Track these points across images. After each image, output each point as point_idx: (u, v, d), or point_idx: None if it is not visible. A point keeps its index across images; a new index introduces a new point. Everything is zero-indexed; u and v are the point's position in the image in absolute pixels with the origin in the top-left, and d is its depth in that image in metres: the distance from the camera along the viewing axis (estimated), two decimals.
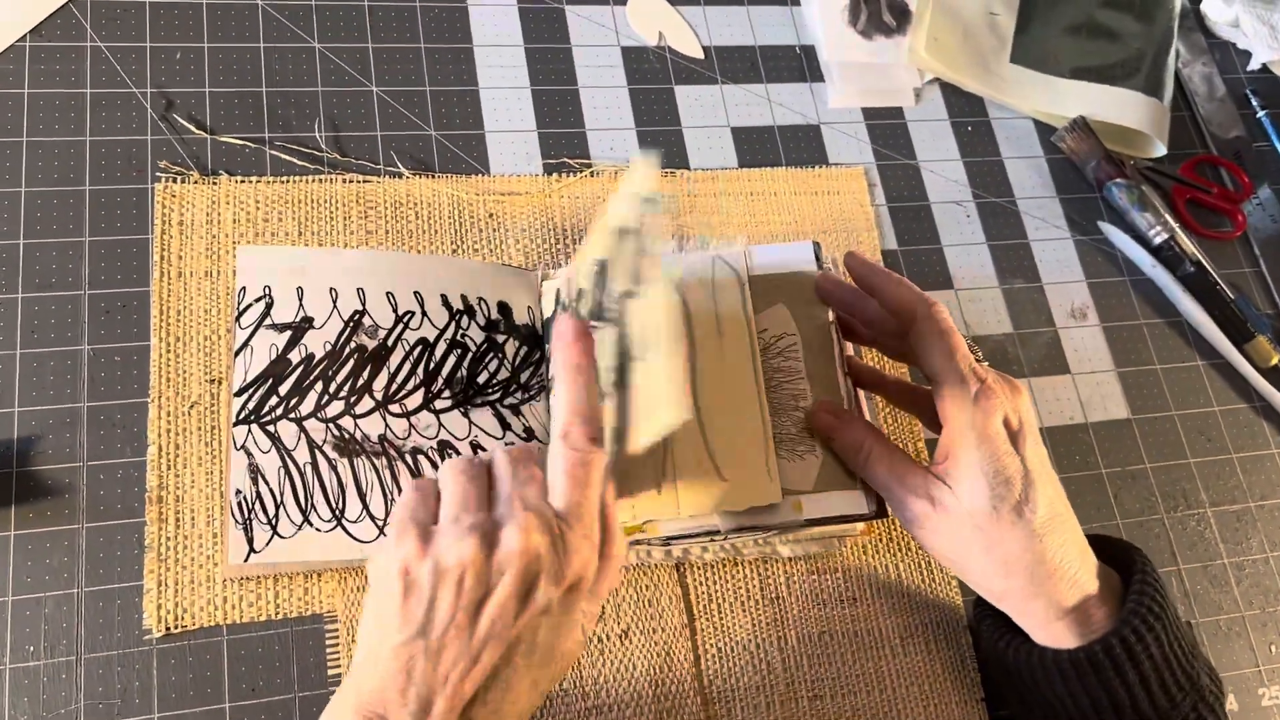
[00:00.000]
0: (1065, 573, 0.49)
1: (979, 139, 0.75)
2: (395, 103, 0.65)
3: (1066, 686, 0.49)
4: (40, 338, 0.55)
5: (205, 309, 0.57)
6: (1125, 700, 0.48)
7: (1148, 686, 0.48)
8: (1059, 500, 0.51)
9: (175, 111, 0.62)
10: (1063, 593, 0.49)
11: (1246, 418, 0.71)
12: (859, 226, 0.69)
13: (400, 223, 0.62)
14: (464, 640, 0.41)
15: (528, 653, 0.42)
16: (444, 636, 0.41)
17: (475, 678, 0.40)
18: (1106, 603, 0.50)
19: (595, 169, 0.66)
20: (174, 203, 0.59)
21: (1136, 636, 0.48)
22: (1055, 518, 0.50)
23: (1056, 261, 0.72)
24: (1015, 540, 0.49)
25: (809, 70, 0.74)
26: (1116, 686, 0.48)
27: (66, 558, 0.52)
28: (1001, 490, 0.49)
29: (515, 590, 0.41)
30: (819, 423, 0.54)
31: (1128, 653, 0.48)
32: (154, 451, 0.54)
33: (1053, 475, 0.51)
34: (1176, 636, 0.49)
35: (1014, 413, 0.51)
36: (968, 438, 0.50)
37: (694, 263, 0.56)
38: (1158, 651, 0.48)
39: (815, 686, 0.57)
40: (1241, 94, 0.83)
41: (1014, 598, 0.51)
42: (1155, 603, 0.49)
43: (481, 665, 0.40)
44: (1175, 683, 0.49)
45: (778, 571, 0.59)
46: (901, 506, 0.52)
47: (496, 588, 0.41)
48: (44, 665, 0.50)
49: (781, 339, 0.56)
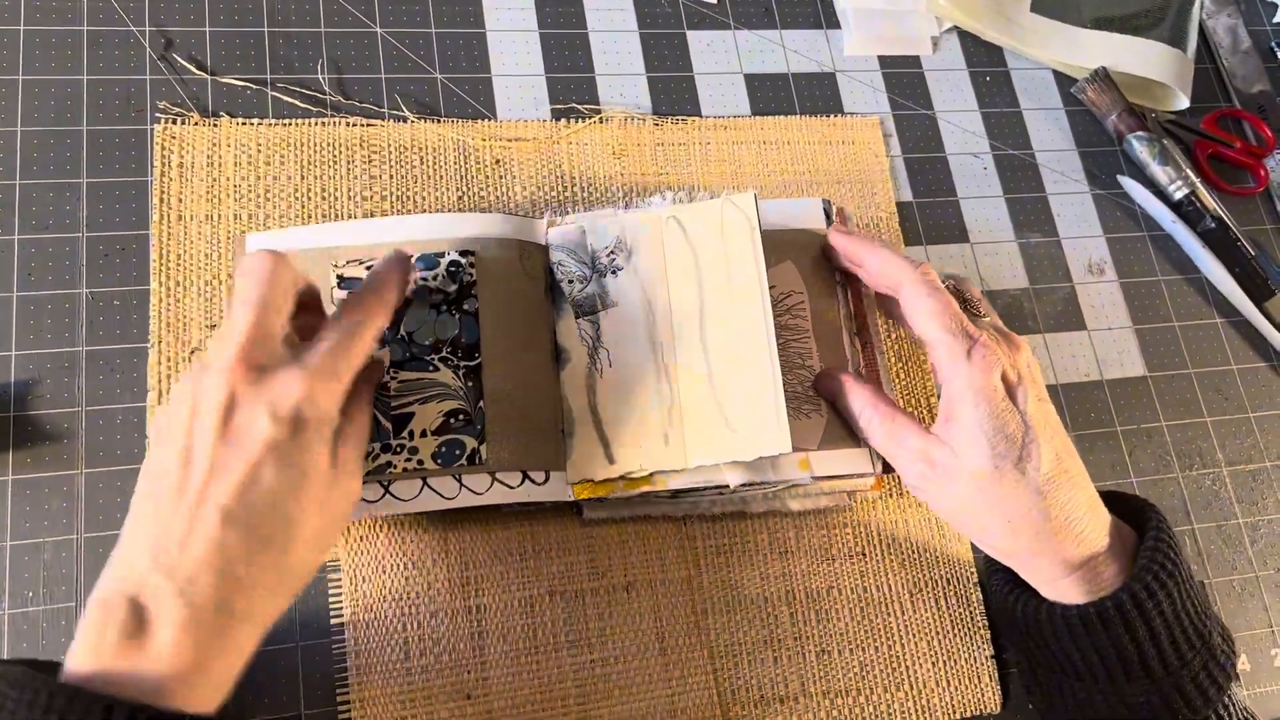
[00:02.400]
0: (1073, 529, 0.49)
1: (997, 90, 0.73)
2: (400, 44, 0.64)
3: (1075, 642, 0.49)
4: (38, 280, 0.54)
5: (206, 253, 0.56)
6: (1134, 656, 0.48)
7: (1158, 643, 0.47)
8: (1066, 455, 0.50)
9: (175, 51, 0.60)
10: (1070, 549, 0.49)
11: (1265, 376, 0.69)
12: (874, 177, 0.67)
13: (405, 168, 0.60)
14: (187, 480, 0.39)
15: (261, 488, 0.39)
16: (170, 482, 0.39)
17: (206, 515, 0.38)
18: (1118, 559, 0.49)
19: (604, 115, 0.65)
20: (174, 144, 0.58)
21: (1148, 593, 0.47)
22: (1061, 474, 0.49)
23: (1075, 216, 0.71)
24: (1018, 497, 0.48)
25: (824, 16, 0.72)
26: (1126, 643, 0.47)
27: (65, 503, 0.51)
28: (1002, 448, 0.48)
29: (220, 420, 0.39)
30: (824, 387, 0.54)
31: (1138, 609, 0.47)
32: (154, 397, 0.53)
33: (1058, 430, 0.50)
34: (1189, 594, 0.49)
35: (1012, 368, 0.50)
36: (965, 396, 0.49)
37: (704, 208, 0.55)
38: (1169, 609, 0.48)
39: (823, 641, 0.56)
40: (1267, 46, 0.81)
41: (1021, 555, 0.50)
42: (1169, 560, 0.48)
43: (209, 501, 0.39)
44: (1186, 640, 0.48)
45: (786, 526, 0.58)
46: (905, 469, 0.51)
47: (202, 422, 0.40)
48: (44, 611, 0.49)
49: (789, 297, 0.55)
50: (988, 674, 0.57)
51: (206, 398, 0.40)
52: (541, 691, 0.52)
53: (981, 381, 0.49)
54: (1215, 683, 0.48)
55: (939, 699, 0.56)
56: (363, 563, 0.53)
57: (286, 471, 0.40)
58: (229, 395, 0.40)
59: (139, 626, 0.37)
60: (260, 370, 0.41)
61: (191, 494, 0.39)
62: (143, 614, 0.37)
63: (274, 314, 0.42)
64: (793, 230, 0.56)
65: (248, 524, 0.39)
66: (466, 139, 0.62)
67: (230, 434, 0.40)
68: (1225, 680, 0.49)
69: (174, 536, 0.38)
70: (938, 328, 0.50)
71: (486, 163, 0.62)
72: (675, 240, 0.54)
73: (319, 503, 0.41)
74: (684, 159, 0.65)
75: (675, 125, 0.66)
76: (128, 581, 0.38)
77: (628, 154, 0.64)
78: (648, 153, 0.64)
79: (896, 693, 0.56)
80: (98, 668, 0.36)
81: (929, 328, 0.50)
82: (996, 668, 0.57)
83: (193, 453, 0.39)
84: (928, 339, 0.51)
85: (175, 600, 0.37)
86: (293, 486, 0.40)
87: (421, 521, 0.54)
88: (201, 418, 0.40)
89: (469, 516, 0.54)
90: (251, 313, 0.41)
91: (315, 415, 0.41)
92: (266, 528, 0.40)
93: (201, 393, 0.40)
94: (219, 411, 0.40)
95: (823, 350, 0.55)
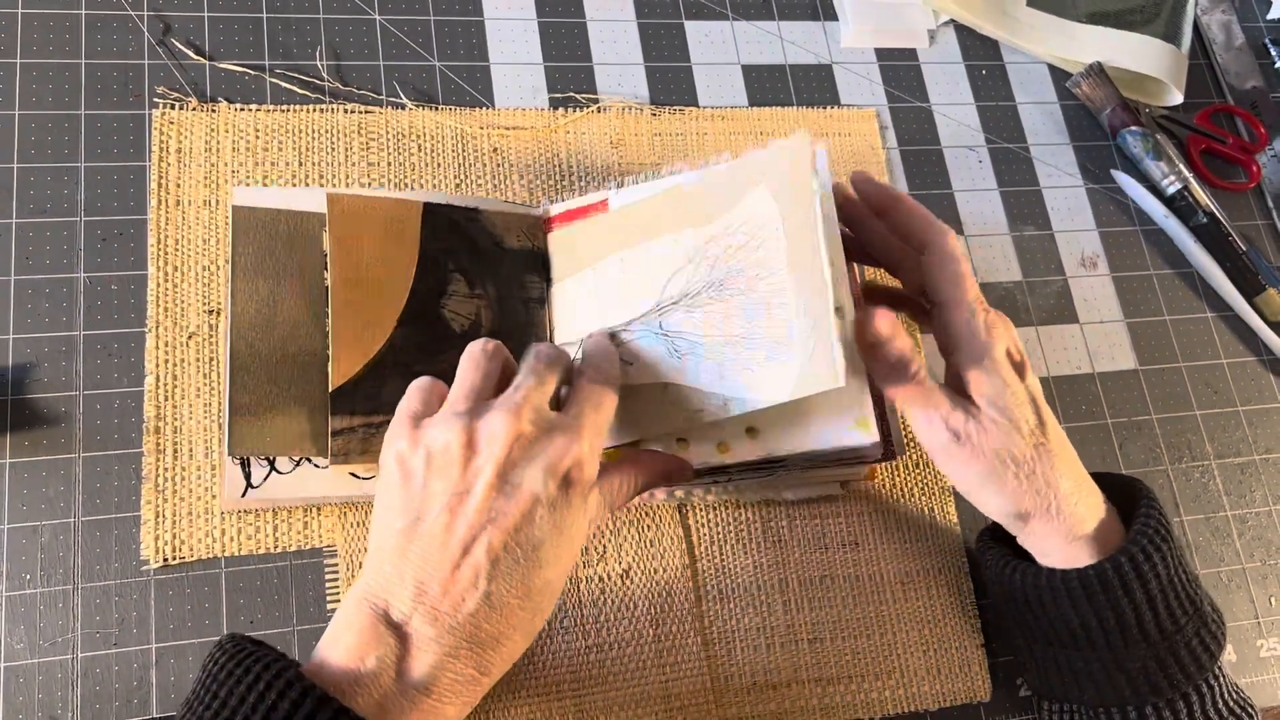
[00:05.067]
0: (1079, 496, 0.50)
1: (993, 83, 0.74)
2: (399, 31, 0.64)
3: (1075, 607, 0.49)
4: (35, 264, 0.54)
5: (204, 238, 0.56)
6: (1132, 620, 0.48)
7: (1154, 606, 0.49)
8: (1058, 431, 0.51)
9: (173, 36, 0.60)
10: (1078, 515, 0.50)
11: (1254, 371, 0.70)
12: (870, 169, 0.67)
13: (403, 155, 0.60)
14: (455, 523, 0.41)
15: (526, 544, 0.41)
16: (435, 521, 0.41)
17: (472, 564, 0.40)
18: (1113, 529, 0.51)
19: (602, 104, 0.65)
20: (172, 129, 0.58)
21: (1145, 555, 0.48)
22: (1064, 446, 0.51)
23: (1068, 209, 0.71)
24: (1036, 466, 0.49)
25: (822, 8, 0.73)
26: (1124, 606, 0.48)
27: (63, 487, 0.51)
28: (1018, 414, 0.49)
29: (497, 472, 0.41)
30: (876, 326, 0.49)
31: (1136, 571, 0.48)
32: (151, 382, 0.53)
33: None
34: (1180, 564, 0.50)
35: (1014, 345, 0.51)
36: (985, 367, 0.50)
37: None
38: (1164, 572, 0.49)
39: (815, 629, 0.57)
40: (1260, 43, 0.82)
41: (1033, 522, 0.51)
42: (1162, 525, 0.50)
43: (476, 551, 0.41)
44: (1180, 605, 0.49)
45: (780, 514, 0.58)
46: (931, 432, 0.50)
47: (481, 470, 0.41)
48: (41, 593, 0.50)
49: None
50: (978, 663, 0.58)
51: (488, 446, 0.42)
52: (537, 677, 0.53)
53: (997, 353, 0.50)
54: (1207, 649, 0.49)
55: (929, 687, 0.57)
56: (359, 548, 0.53)
57: (550, 529, 0.42)
58: (508, 448, 0.42)
59: (400, 658, 0.39)
60: (537, 429, 0.43)
61: (458, 538, 0.41)
62: (405, 649, 0.40)
63: (550, 387, 0.45)
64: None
65: (510, 575, 0.41)
66: (464, 127, 0.62)
67: (505, 486, 0.41)
68: (1217, 648, 0.50)
69: (437, 578, 0.40)
70: (964, 292, 0.51)
71: (484, 150, 0.62)
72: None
73: (570, 559, 0.44)
74: (681, 149, 0.65)
75: (673, 115, 0.66)
76: (393, 610, 0.40)
77: (625, 143, 0.64)
78: (645, 142, 0.65)
79: (888, 680, 0.56)
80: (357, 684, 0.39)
81: (955, 292, 0.51)
82: (986, 657, 0.58)
83: (466, 498, 0.41)
84: (950, 301, 0.51)
85: (434, 646, 0.40)
86: (553, 543, 0.42)
87: None
88: (479, 464, 0.42)
89: None
90: (538, 383, 0.44)
91: (581, 478, 0.43)
92: (527, 578, 0.42)
93: (483, 439, 0.42)
94: (497, 463, 0.41)
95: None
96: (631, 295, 0.53)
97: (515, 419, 0.42)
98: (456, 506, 0.41)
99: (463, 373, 0.45)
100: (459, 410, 0.43)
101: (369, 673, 0.39)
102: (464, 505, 0.41)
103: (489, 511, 0.41)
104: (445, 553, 0.41)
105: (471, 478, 0.42)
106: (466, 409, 0.43)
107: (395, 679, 0.39)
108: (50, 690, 0.48)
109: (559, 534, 0.42)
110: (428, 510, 0.41)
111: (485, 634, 0.41)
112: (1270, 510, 0.66)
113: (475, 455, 0.42)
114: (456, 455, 0.42)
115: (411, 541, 0.41)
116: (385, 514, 0.43)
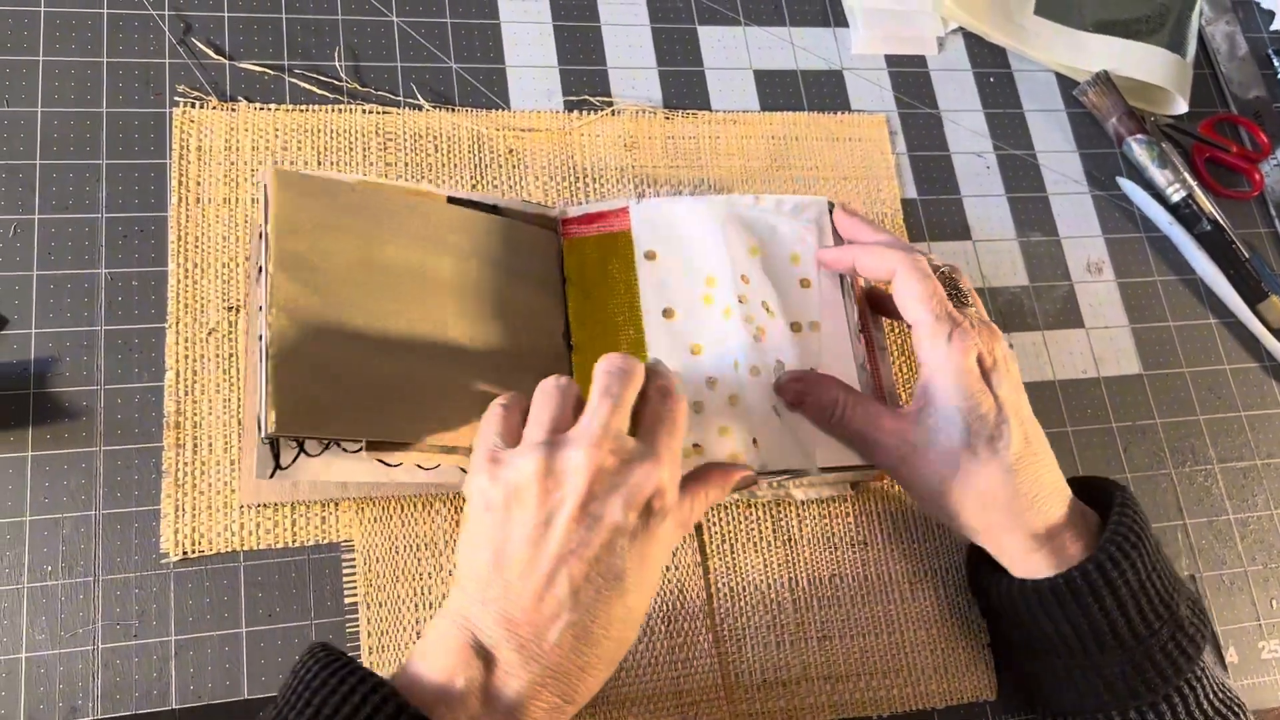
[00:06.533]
0: (1040, 506, 0.50)
1: (1001, 91, 0.75)
2: (416, 34, 0.64)
3: (1048, 615, 0.50)
4: (57, 260, 0.55)
5: (224, 236, 0.57)
6: (1104, 626, 0.49)
7: (1125, 612, 0.49)
8: (1035, 437, 0.52)
9: (194, 35, 0.61)
10: (1038, 525, 0.50)
11: (1256, 376, 0.71)
12: (879, 174, 0.68)
13: (419, 155, 0.61)
14: (538, 556, 0.42)
15: (608, 574, 0.42)
16: (519, 553, 0.42)
17: (555, 596, 0.41)
18: (1083, 537, 0.51)
19: (616, 107, 0.66)
20: (192, 128, 0.58)
21: (1113, 563, 0.49)
22: (1029, 454, 0.51)
23: (1074, 216, 0.72)
24: (990, 475, 0.50)
25: (832, 14, 0.73)
26: (1095, 612, 0.49)
27: (84, 480, 0.52)
28: (976, 425, 0.50)
29: (579, 504, 0.42)
30: (786, 393, 0.54)
31: (1104, 579, 0.49)
32: (171, 377, 0.54)
33: (1029, 416, 0.52)
34: (1155, 567, 0.50)
35: (989, 353, 0.52)
36: (943, 376, 0.51)
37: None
38: (1134, 579, 0.49)
39: (824, 627, 0.57)
40: (1263, 54, 0.83)
41: (992, 532, 0.51)
42: (1133, 533, 0.50)
43: (559, 582, 0.41)
44: (1153, 610, 0.49)
45: (790, 514, 0.59)
46: (881, 451, 0.53)
47: (563, 503, 0.42)
48: (62, 585, 0.50)
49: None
50: (984, 662, 0.58)
51: (569, 478, 0.42)
52: None
53: (959, 362, 0.50)
54: (1184, 652, 0.50)
55: (936, 685, 0.58)
56: (376, 543, 0.54)
57: (633, 558, 0.43)
58: (590, 480, 0.42)
59: (488, 684, 0.40)
60: (617, 458, 0.43)
61: (541, 571, 0.42)
62: (493, 675, 0.41)
63: (626, 409, 0.45)
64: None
65: (593, 605, 0.42)
66: (480, 128, 0.63)
67: (586, 518, 0.42)
68: (1195, 650, 0.50)
69: (521, 608, 0.41)
70: (922, 310, 0.52)
71: (500, 152, 0.63)
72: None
73: (652, 586, 0.45)
74: (694, 152, 0.66)
75: (686, 119, 0.67)
76: (481, 637, 0.41)
77: (639, 146, 0.65)
78: (659, 145, 0.65)
79: (896, 678, 0.57)
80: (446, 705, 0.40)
81: (914, 310, 0.52)
82: (992, 656, 0.59)
83: (547, 530, 0.42)
84: (912, 320, 0.52)
85: (522, 673, 0.41)
86: (636, 572, 0.43)
87: (433, 503, 0.55)
88: (560, 497, 0.42)
89: None
90: (616, 409, 0.44)
91: (662, 506, 0.44)
92: (609, 608, 0.42)
93: (564, 471, 0.43)
94: (579, 495, 0.42)
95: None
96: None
97: (595, 451, 0.43)
98: (539, 539, 0.42)
99: (538, 408, 0.46)
100: (538, 441, 0.44)
101: (458, 694, 0.40)
102: (546, 537, 0.42)
103: (570, 543, 0.42)
104: (528, 584, 0.41)
105: (552, 510, 0.42)
106: (545, 440, 0.44)
107: (483, 703, 0.40)
108: (71, 681, 0.49)
109: (641, 563, 0.43)
110: (510, 542, 0.42)
111: (570, 664, 0.41)
112: (1272, 514, 0.67)
113: (556, 489, 0.42)
114: (536, 489, 0.42)
115: (496, 573, 0.42)
116: (471, 544, 0.44)
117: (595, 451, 0.43)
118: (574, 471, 0.42)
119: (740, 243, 0.56)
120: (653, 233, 0.56)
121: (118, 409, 0.53)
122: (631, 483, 0.43)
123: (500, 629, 0.41)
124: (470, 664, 0.40)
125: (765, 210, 0.58)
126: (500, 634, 0.41)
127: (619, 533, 0.42)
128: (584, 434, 0.43)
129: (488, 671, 0.40)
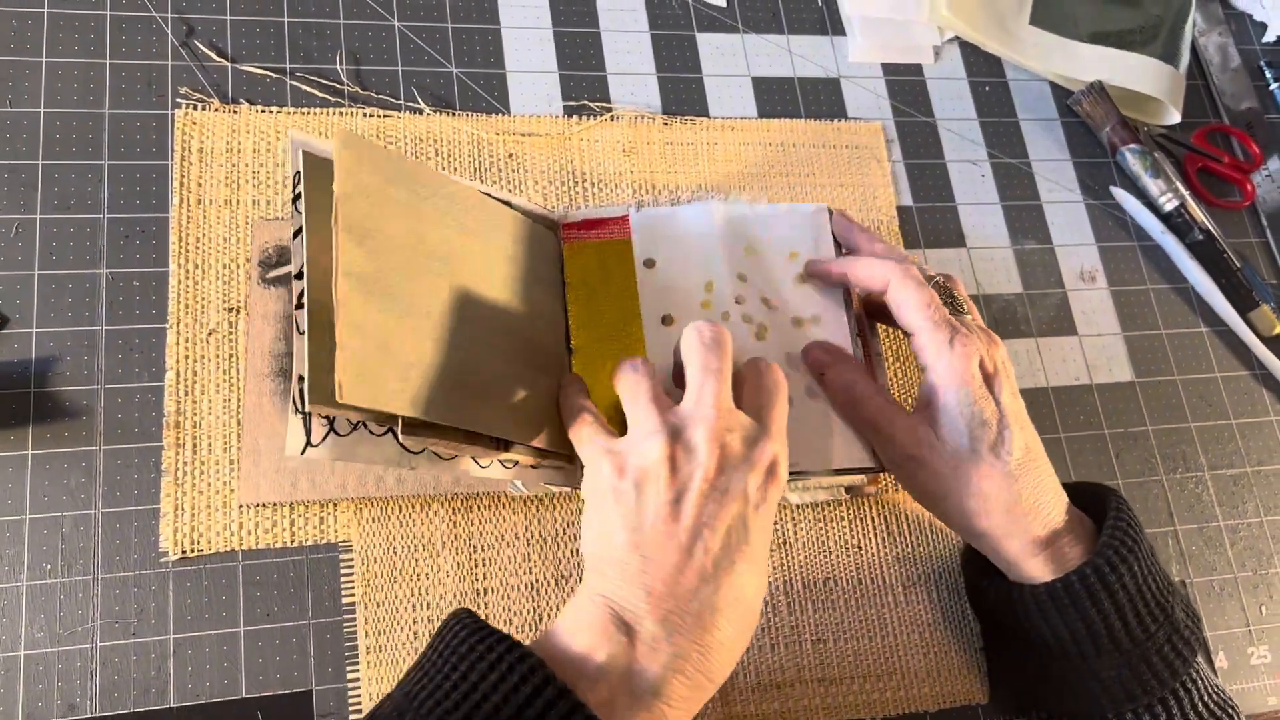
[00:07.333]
0: (1040, 512, 0.51)
1: (996, 99, 0.75)
2: (417, 38, 0.65)
3: (1045, 619, 0.51)
4: (59, 259, 0.55)
5: (224, 237, 0.57)
6: (1102, 629, 0.50)
7: (1123, 616, 0.50)
8: (1034, 444, 0.52)
9: (196, 38, 0.61)
10: (1037, 531, 0.51)
11: (1247, 385, 0.72)
12: (875, 181, 0.69)
13: (420, 159, 0.62)
14: (674, 529, 0.43)
15: (741, 544, 0.44)
16: (655, 530, 0.43)
17: (695, 567, 0.42)
18: (1080, 541, 0.52)
19: (615, 113, 0.66)
20: (194, 130, 0.59)
21: (1110, 567, 0.49)
22: (1030, 461, 0.51)
23: (1068, 224, 0.73)
24: (992, 480, 0.51)
25: (830, 23, 0.74)
26: (1093, 615, 0.49)
27: (84, 479, 0.52)
28: (979, 432, 0.51)
29: (708, 479, 0.44)
30: (812, 357, 0.55)
31: (1102, 582, 0.49)
32: (172, 377, 0.54)
33: (1028, 422, 0.53)
34: (1150, 572, 0.51)
35: (990, 359, 0.52)
36: (947, 382, 0.51)
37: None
38: (1131, 583, 0.50)
39: (819, 630, 0.58)
40: (1255, 65, 0.84)
41: (992, 537, 0.52)
42: (1129, 537, 0.51)
43: (696, 553, 0.43)
44: (1150, 614, 0.50)
45: (785, 518, 0.59)
46: (887, 447, 0.53)
47: (692, 477, 0.44)
48: (61, 583, 0.50)
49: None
50: (976, 666, 0.59)
51: (695, 455, 0.44)
52: None
53: (962, 368, 0.51)
54: (1180, 655, 0.50)
55: (929, 689, 0.58)
56: (373, 544, 0.54)
57: (757, 529, 0.45)
58: (715, 456, 0.44)
59: (631, 659, 0.41)
60: (736, 434, 0.45)
61: (679, 544, 0.43)
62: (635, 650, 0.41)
63: (729, 377, 0.47)
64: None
65: (727, 576, 0.43)
66: (480, 132, 0.63)
67: (714, 491, 0.44)
68: (1190, 653, 0.51)
69: (663, 579, 0.42)
70: (922, 317, 0.52)
71: (500, 156, 0.63)
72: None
73: (768, 560, 0.47)
74: (692, 158, 0.66)
75: (684, 125, 0.67)
76: (624, 613, 0.42)
77: (638, 152, 0.66)
78: (657, 151, 0.66)
79: (889, 682, 0.58)
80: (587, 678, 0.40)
81: (914, 317, 0.53)
82: (984, 660, 0.59)
83: (680, 506, 0.43)
84: (912, 328, 0.53)
85: (665, 647, 0.41)
86: (761, 542, 0.45)
87: (431, 504, 0.55)
88: (690, 472, 0.44)
89: (477, 501, 0.56)
90: (722, 382, 0.47)
91: (777, 476, 0.46)
92: (741, 579, 0.43)
93: (689, 451, 0.44)
94: (707, 471, 0.44)
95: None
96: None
97: (715, 428, 0.44)
98: (673, 515, 0.43)
99: (634, 394, 0.47)
100: (655, 427, 0.45)
101: (598, 667, 0.40)
102: (680, 512, 0.43)
103: (703, 515, 0.43)
104: (667, 557, 0.42)
105: (682, 487, 0.44)
106: (660, 423, 0.45)
107: (625, 678, 0.40)
108: (70, 679, 0.49)
109: (763, 534, 0.45)
110: (645, 521, 0.43)
111: (711, 637, 0.42)
112: (1262, 521, 0.68)
113: (684, 466, 0.44)
114: (665, 471, 0.44)
115: (633, 551, 0.43)
116: (603, 532, 0.45)
117: (715, 428, 0.44)
118: (699, 449, 0.44)
119: (737, 242, 0.57)
120: (652, 241, 0.57)
121: (118, 408, 0.53)
122: (752, 456, 0.45)
123: (642, 602, 0.42)
124: (612, 638, 0.41)
125: (763, 213, 0.59)
126: (643, 607, 0.42)
127: (746, 503, 0.44)
128: (701, 413, 0.45)
129: (631, 646, 0.41)
